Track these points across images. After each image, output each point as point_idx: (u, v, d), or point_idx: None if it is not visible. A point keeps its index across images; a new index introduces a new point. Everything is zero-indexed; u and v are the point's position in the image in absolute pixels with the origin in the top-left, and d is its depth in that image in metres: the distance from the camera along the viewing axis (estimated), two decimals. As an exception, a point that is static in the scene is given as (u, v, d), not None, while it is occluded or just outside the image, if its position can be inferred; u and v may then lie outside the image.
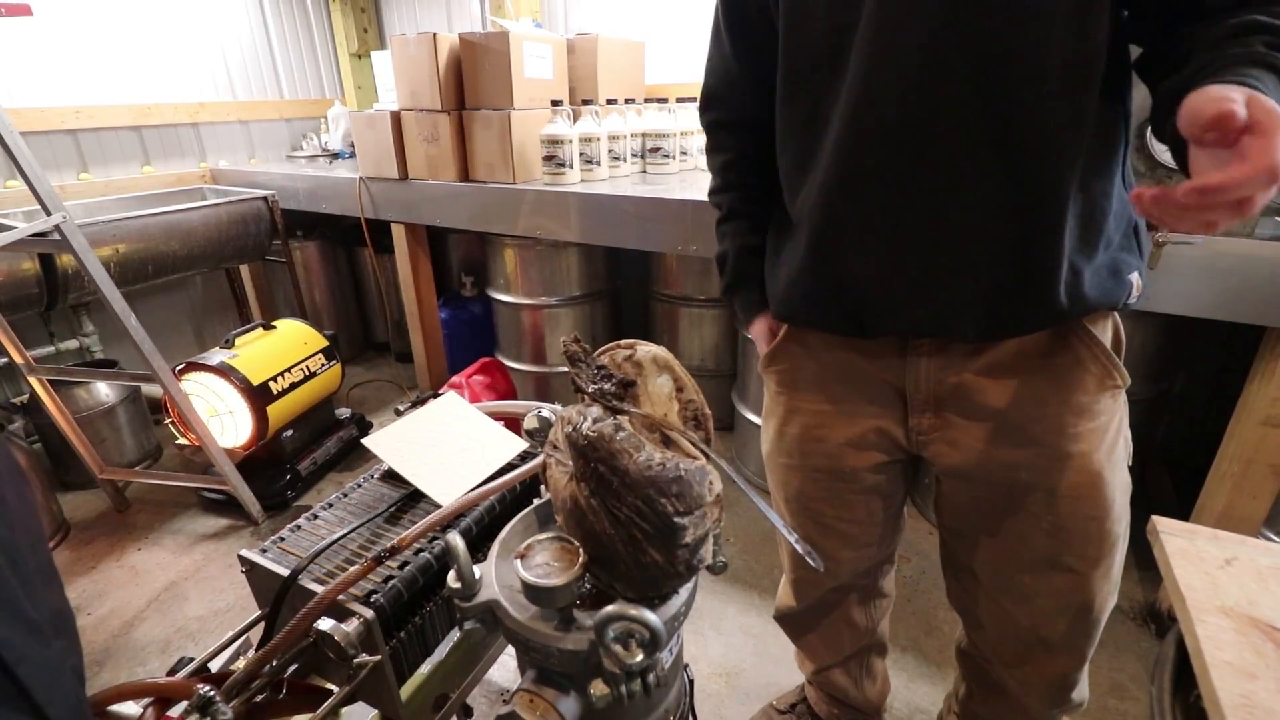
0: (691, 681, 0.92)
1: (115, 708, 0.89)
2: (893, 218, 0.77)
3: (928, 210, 0.75)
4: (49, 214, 1.65)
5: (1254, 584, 0.65)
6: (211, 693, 0.79)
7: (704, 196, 1.85)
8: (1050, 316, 0.77)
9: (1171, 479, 2.06)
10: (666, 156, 2.33)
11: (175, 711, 0.86)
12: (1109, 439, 0.84)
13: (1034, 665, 0.98)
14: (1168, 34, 0.68)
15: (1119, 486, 0.85)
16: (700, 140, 2.47)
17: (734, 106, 0.99)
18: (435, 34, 2.11)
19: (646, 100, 2.44)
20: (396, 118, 2.33)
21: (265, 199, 2.75)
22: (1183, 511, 1.54)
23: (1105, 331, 0.81)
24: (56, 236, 1.68)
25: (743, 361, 2.31)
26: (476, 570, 0.74)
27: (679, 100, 2.39)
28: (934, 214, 0.75)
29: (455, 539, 0.72)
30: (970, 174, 0.72)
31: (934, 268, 0.77)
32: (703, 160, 2.43)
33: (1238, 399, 1.43)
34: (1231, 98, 0.49)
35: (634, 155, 2.36)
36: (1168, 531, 0.72)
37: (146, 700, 0.86)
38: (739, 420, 2.35)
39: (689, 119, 2.39)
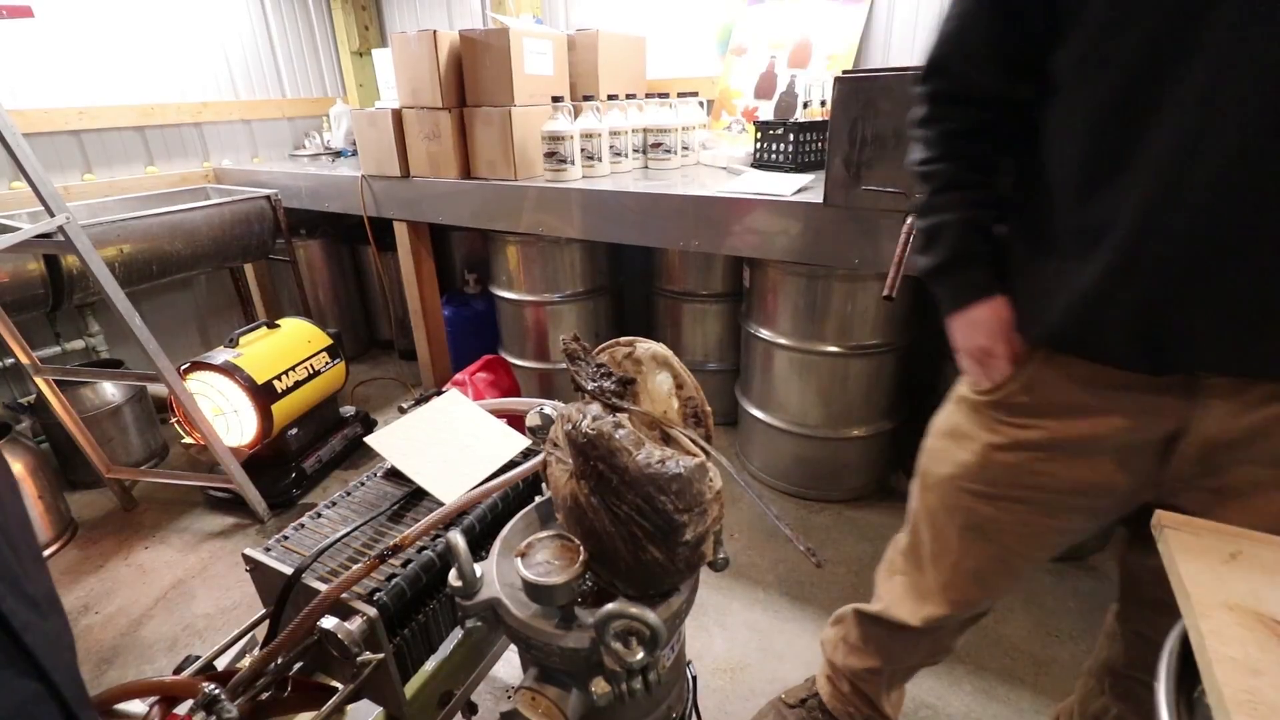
0: (694, 678, 0.92)
1: (122, 706, 0.89)
2: (1240, 243, 0.66)
3: None
4: (53, 215, 1.66)
5: (1260, 578, 0.64)
6: (217, 691, 0.80)
7: (705, 192, 1.86)
8: None
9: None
10: (668, 152, 2.32)
11: (182, 709, 0.87)
12: None
13: None
14: None
15: None
16: (701, 136, 2.46)
17: (974, 79, 0.83)
18: (436, 31, 2.10)
19: (648, 95, 2.43)
20: (398, 115, 2.33)
21: (268, 198, 2.75)
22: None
23: None
24: (60, 238, 1.69)
25: (745, 356, 2.31)
26: (478, 568, 0.74)
27: (680, 95, 2.38)
28: None
29: (456, 537, 0.72)
30: None
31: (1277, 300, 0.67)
32: (704, 155, 2.43)
33: None
34: None
35: (635, 151, 2.35)
36: (1172, 526, 0.71)
37: (153, 699, 0.87)
38: (742, 415, 2.35)
39: (690, 114, 2.38)
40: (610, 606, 0.63)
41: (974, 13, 0.80)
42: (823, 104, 2.23)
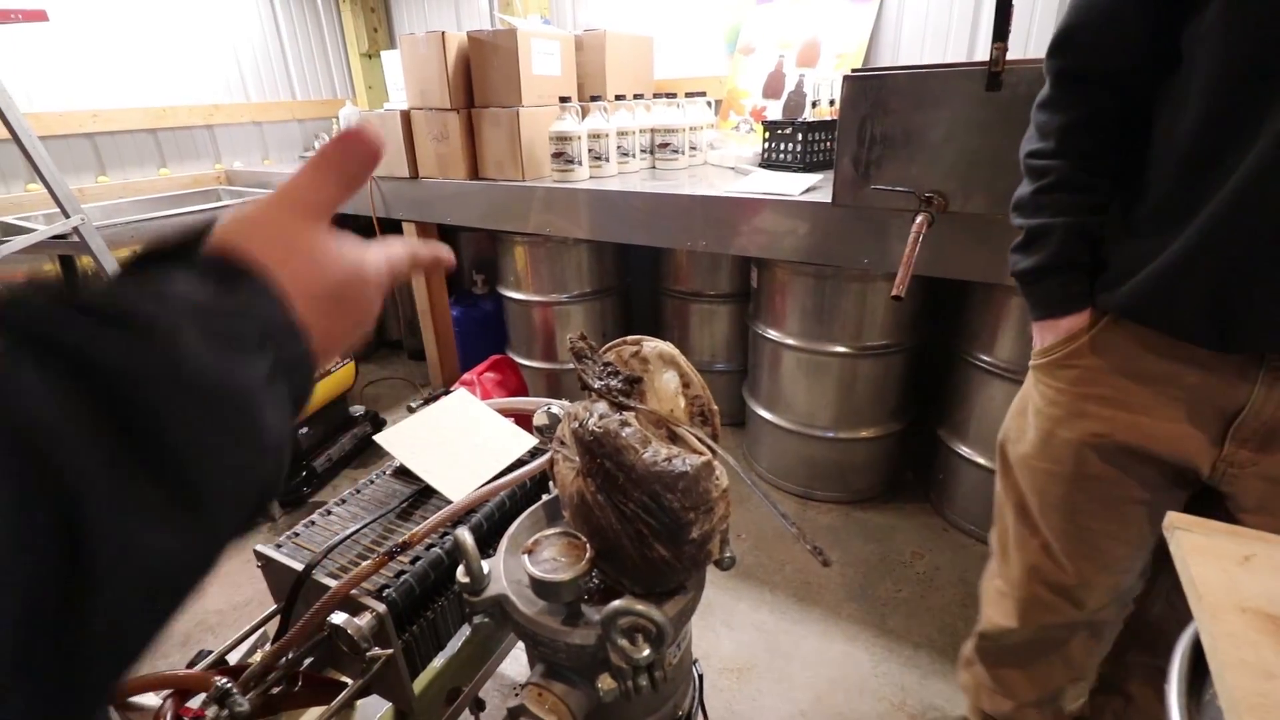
0: (700, 677, 0.92)
1: (135, 699, 0.90)
2: None
3: None
4: (68, 216, 1.68)
5: (1273, 580, 0.63)
6: (229, 685, 0.81)
7: (713, 192, 1.86)
8: None
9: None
10: (675, 152, 2.32)
11: (194, 703, 0.88)
12: None
13: None
14: None
15: None
16: (709, 136, 2.45)
17: (1104, 52, 0.80)
18: (444, 33, 2.11)
19: (655, 95, 2.43)
20: (406, 117, 2.34)
21: (279, 199, 2.77)
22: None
23: None
24: (75, 239, 1.71)
25: (753, 357, 2.30)
26: (485, 565, 0.75)
27: (688, 95, 2.38)
28: None
29: (464, 534, 0.72)
30: None
31: None
32: (712, 155, 2.43)
33: None
34: None
35: (643, 151, 2.35)
36: (1184, 528, 0.70)
37: (166, 692, 0.88)
38: (750, 415, 2.35)
39: (697, 114, 2.38)
40: (617, 603, 0.63)
41: None
42: (831, 103, 2.22)
